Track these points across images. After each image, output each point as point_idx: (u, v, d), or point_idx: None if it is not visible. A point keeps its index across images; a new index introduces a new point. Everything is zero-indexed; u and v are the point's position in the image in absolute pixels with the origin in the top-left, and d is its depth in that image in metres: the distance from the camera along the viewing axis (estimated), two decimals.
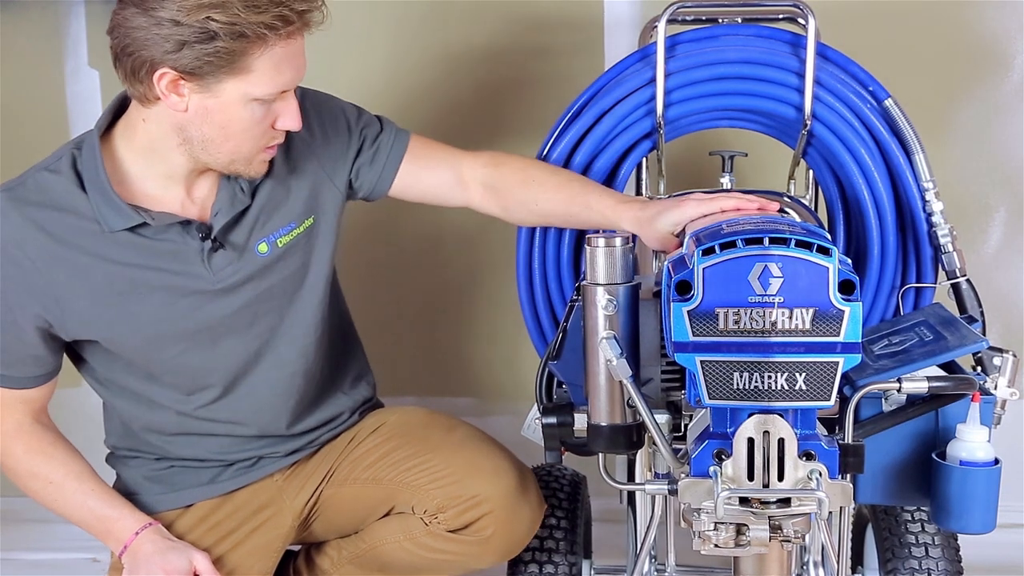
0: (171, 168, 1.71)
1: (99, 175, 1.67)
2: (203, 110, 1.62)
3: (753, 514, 1.36)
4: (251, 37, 1.56)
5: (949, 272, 1.81)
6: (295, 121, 1.69)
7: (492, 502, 1.82)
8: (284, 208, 1.80)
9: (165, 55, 1.56)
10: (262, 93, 1.62)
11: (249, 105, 1.63)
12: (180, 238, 1.72)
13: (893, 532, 1.89)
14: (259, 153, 1.70)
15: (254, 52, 1.58)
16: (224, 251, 1.75)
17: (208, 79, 1.59)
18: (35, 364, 1.77)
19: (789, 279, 1.28)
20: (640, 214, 1.69)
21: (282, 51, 1.60)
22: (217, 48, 1.55)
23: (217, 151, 1.67)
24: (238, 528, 1.88)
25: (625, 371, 1.41)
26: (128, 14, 1.57)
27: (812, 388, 1.31)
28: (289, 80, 1.64)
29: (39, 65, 2.58)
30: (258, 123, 1.66)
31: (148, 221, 1.69)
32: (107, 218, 1.68)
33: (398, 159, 1.89)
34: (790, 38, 1.90)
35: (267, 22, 1.55)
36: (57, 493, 1.81)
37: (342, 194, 1.87)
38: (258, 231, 1.78)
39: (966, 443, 1.55)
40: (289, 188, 1.81)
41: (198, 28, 1.54)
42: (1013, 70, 2.44)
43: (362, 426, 1.98)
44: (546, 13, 2.49)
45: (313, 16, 1.62)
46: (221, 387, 1.83)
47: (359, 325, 2.10)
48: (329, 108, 1.88)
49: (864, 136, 1.83)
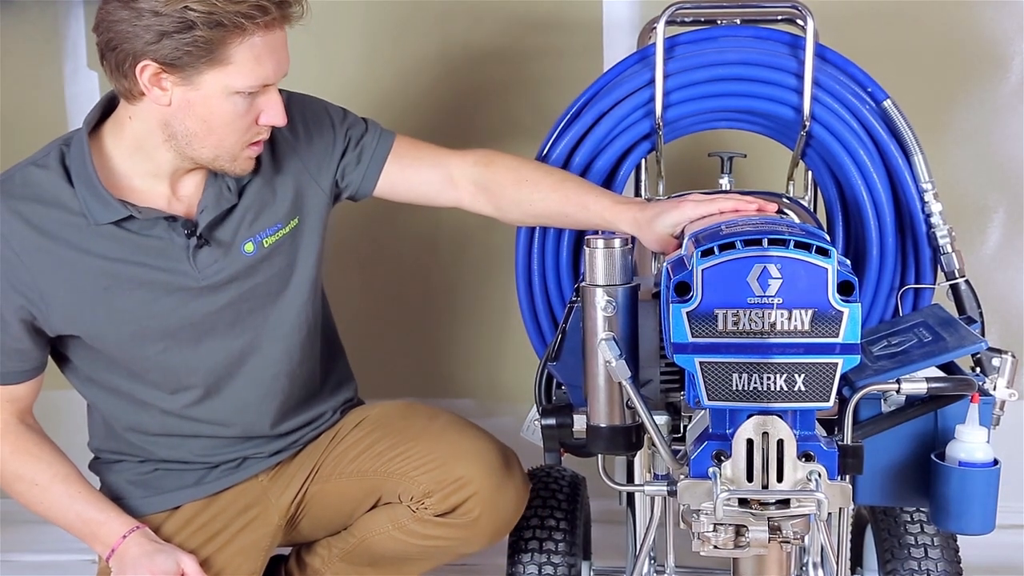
0: (158, 166, 1.72)
1: (87, 169, 1.68)
2: (185, 103, 1.63)
3: (752, 515, 1.36)
4: (228, 26, 1.57)
5: (948, 273, 1.81)
6: (279, 116, 1.69)
7: (477, 483, 1.83)
8: (270, 208, 1.81)
9: (146, 47, 1.58)
10: (243, 85, 1.63)
11: (231, 98, 1.63)
12: (166, 234, 1.73)
13: (892, 533, 1.89)
14: (244, 149, 1.71)
15: (232, 42, 1.59)
16: (209, 248, 1.75)
17: (188, 71, 1.60)
18: (20, 358, 1.77)
19: (788, 280, 1.28)
20: (639, 215, 1.69)
21: (261, 42, 1.61)
22: (195, 37, 1.56)
23: (201, 146, 1.68)
24: (224, 529, 1.89)
25: (624, 372, 1.41)
26: (111, 8, 1.60)
27: (811, 389, 1.31)
28: (270, 73, 1.65)
29: (38, 66, 2.58)
30: (241, 117, 1.66)
31: (135, 215, 1.69)
32: (94, 211, 1.68)
33: (382, 159, 1.89)
34: (789, 39, 1.90)
35: (244, 11, 1.57)
36: (43, 495, 1.80)
37: (328, 196, 1.88)
38: (244, 230, 1.78)
39: (965, 444, 1.55)
40: (275, 188, 1.82)
41: (177, 18, 1.55)
42: (1012, 71, 2.44)
43: (344, 423, 1.99)
44: (545, 14, 2.49)
45: (292, 10, 1.63)
46: (204, 387, 1.83)
47: (356, 327, 2.10)
48: (314, 110, 1.89)
49: (863, 137, 1.83)
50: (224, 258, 1.76)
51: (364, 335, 2.14)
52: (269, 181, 1.81)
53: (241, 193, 1.78)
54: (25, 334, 1.74)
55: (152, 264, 1.73)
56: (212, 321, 1.79)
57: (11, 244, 1.69)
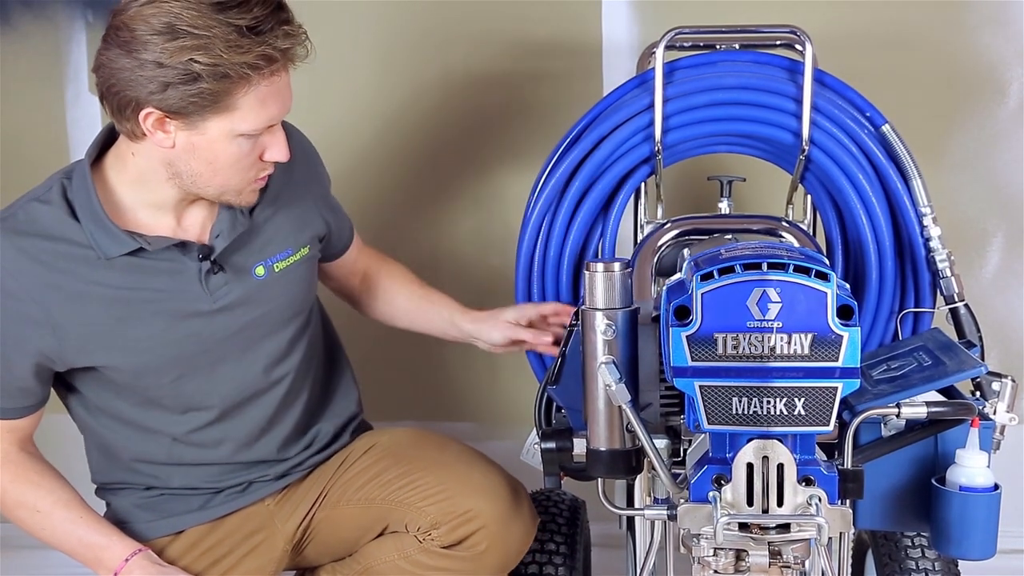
0: (161, 198, 1.72)
1: (92, 203, 1.68)
2: (190, 146, 1.63)
3: (752, 540, 1.35)
4: (234, 78, 1.56)
5: (947, 297, 1.82)
6: (282, 152, 1.70)
7: (485, 517, 1.83)
8: (283, 234, 1.82)
9: (150, 96, 1.57)
10: (248, 129, 1.63)
11: (236, 140, 1.64)
12: (177, 259, 1.73)
13: (893, 558, 1.89)
14: (249, 184, 1.71)
15: (238, 92, 1.58)
16: (223, 273, 1.76)
17: (194, 118, 1.60)
18: (23, 395, 1.76)
19: (788, 304, 1.28)
20: (479, 314, 2.00)
21: (267, 88, 1.61)
22: (201, 89, 1.56)
23: (207, 184, 1.68)
24: (230, 553, 1.88)
25: (624, 396, 1.41)
26: (112, 55, 1.58)
27: (811, 413, 1.31)
28: (275, 114, 1.65)
29: (40, 91, 2.59)
30: (245, 156, 1.66)
31: (144, 246, 1.69)
32: (103, 245, 1.68)
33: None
34: (787, 64, 1.91)
35: (250, 62, 1.56)
36: (45, 522, 1.80)
37: (324, 232, 1.94)
38: (256, 254, 1.79)
39: (965, 468, 1.55)
40: (289, 215, 1.83)
41: (181, 70, 1.54)
42: (1010, 96, 2.45)
43: (353, 448, 1.98)
44: (544, 39, 2.50)
45: (296, 52, 1.63)
46: (218, 411, 1.83)
47: (358, 348, 2.10)
48: (319, 162, 1.96)
49: (862, 161, 1.83)
50: (235, 280, 1.77)
51: (364, 358, 2.14)
52: (283, 207, 1.83)
53: (253, 216, 1.79)
54: (32, 375, 1.73)
55: (163, 289, 1.73)
56: (225, 348, 1.79)
57: (20, 281, 1.67)
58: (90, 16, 2.54)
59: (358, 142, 2.55)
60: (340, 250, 2.04)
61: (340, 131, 2.48)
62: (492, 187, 2.57)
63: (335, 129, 2.40)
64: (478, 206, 2.59)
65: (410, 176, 2.59)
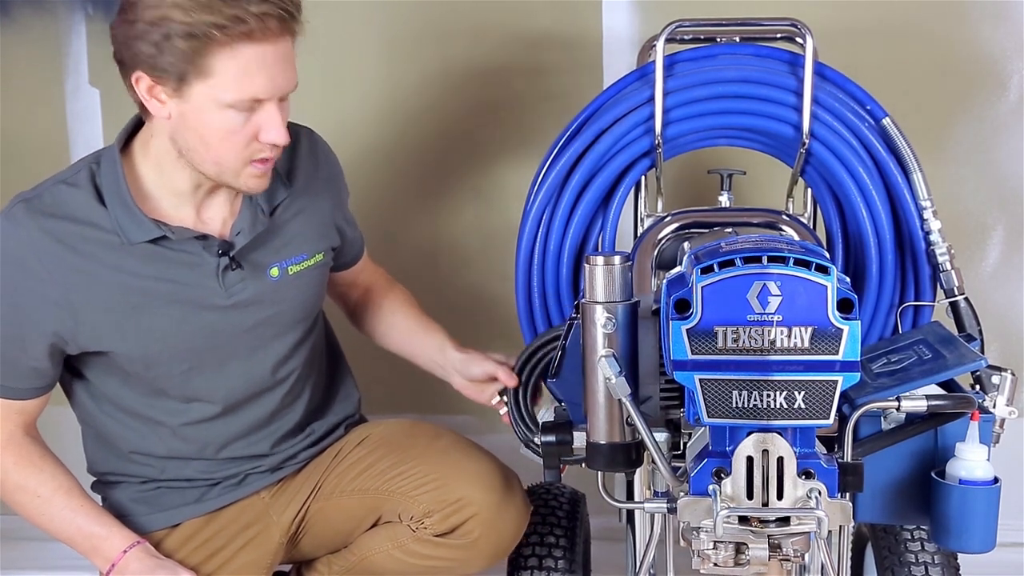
0: (178, 186, 1.73)
1: (120, 188, 1.69)
2: (181, 116, 1.64)
3: (752, 533, 1.35)
4: (201, 37, 1.57)
5: (947, 290, 1.81)
6: (278, 134, 1.67)
7: (477, 504, 1.83)
8: (301, 239, 1.84)
9: (134, 57, 1.61)
10: (231, 98, 1.61)
11: (224, 112, 1.63)
12: (197, 251, 1.74)
13: (893, 551, 1.89)
14: (246, 166, 1.69)
15: (211, 53, 1.58)
16: (240, 269, 1.77)
17: (177, 83, 1.61)
18: (35, 376, 1.77)
19: (788, 297, 1.28)
20: (459, 351, 2.00)
21: (250, 56, 1.59)
22: (174, 48, 1.57)
23: (202, 160, 1.68)
24: (226, 546, 1.89)
25: (624, 389, 1.41)
26: (115, 23, 1.63)
27: (811, 406, 1.31)
28: (261, 87, 1.62)
29: (39, 84, 2.59)
30: (236, 132, 1.65)
31: (168, 235, 1.71)
32: (127, 230, 1.69)
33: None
34: (788, 57, 1.91)
35: (217, 22, 1.56)
36: (45, 507, 1.80)
37: (338, 243, 1.95)
38: (273, 255, 1.81)
39: (965, 462, 1.55)
40: (309, 221, 1.86)
41: (158, 30, 1.57)
42: (1010, 89, 2.45)
43: (347, 440, 2.00)
44: (545, 32, 2.49)
45: (271, 23, 1.59)
46: (222, 405, 1.84)
47: (357, 343, 2.10)
48: (341, 175, 1.98)
49: (862, 155, 1.83)
50: (250, 278, 1.78)
51: (362, 352, 2.14)
52: (303, 210, 1.85)
53: (274, 217, 1.80)
54: (46, 355, 1.74)
55: (181, 280, 1.74)
56: (236, 345, 1.80)
57: (42, 262, 1.68)
58: (90, 8, 2.54)
59: (359, 134, 2.55)
60: (348, 263, 2.05)
61: (341, 123, 2.47)
62: (493, 180, 2.57)
63: (336, 121, 2.39)
64: (479, 199, 2.59)
65: (411, 168, 2.59)
